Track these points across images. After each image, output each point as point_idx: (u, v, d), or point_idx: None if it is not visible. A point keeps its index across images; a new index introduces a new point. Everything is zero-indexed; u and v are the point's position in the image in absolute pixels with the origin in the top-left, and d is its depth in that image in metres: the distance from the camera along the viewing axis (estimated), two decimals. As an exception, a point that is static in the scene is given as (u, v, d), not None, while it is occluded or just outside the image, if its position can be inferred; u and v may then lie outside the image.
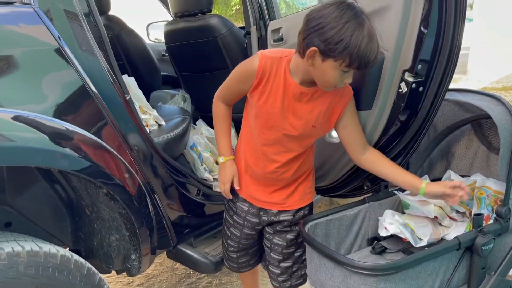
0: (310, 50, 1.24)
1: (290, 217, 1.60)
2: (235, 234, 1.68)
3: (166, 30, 2.59)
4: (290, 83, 1.38)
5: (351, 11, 1.21)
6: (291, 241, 1.62)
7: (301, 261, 1.67)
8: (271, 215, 1.60)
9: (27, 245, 1.19)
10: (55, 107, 1.31)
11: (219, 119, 1.61)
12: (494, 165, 1.80)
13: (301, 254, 1.66)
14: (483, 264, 1.46)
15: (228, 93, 1.55)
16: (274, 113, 1.42)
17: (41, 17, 1.29)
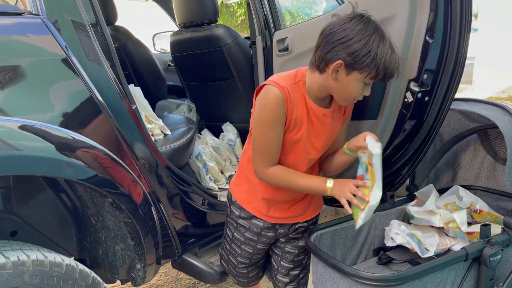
0: (336, 63, 1.22)
1: (306, 223, 1.60)
2: (247, 251, 1.61)
3: (172, 40, 2.61)
4: (311, 107, 1.35)
5: (372, 24, 1.23)
6: (302, 248, 1.60)
7: (308, 267, 1.66)
8: (287, 227, 1.56)
9: (33, 254, 1.19)
10: (61, 116, 1.32)
11: (284, 176, 1.38)
12: (500, 175, 1.79)
13: (308, 260, 1.65)
14: (491, 275, 1.44)
15: (274, 150, 1.35)
16: (300, 141, 1.37)
17: (49, 27, 1.30)
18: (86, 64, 1.37)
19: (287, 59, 1.92)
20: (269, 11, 2.04)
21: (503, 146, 1.65)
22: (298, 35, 1.84)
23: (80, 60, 1.36)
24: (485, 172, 1.86)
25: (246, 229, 1.58)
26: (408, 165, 1.64)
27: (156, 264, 1.62)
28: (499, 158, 1.80)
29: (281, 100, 1.28)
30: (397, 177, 1.70)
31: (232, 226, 1.62)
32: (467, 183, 1.91)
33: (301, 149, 1.39)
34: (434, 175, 1.97)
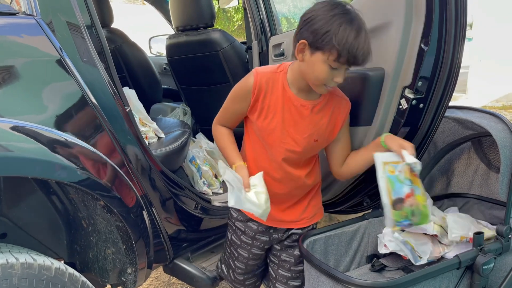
0: (299, 43, 1.25)
1: (300, 231, 1.57)
2: (242, 255, 1.62)
3: (168, 43, 2.61)
4: (289, 96, 1.37)
5: (342, 7, 1.23)
6: (299, 257, 1.58)
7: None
8: (282, 232, 1.56)
9: (22, 257, 1.18)
10: (54, 118, 1.31)
11: (221, 136, 1.51)
12: (493, 184, 1.79)
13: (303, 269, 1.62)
14: (484, 283, 1.44)
15: (227, 117, 1.49)
16: (276, 129, 1.39)
17: (43, 28, 1.29)
18: (80, 66, 1.36)
19: (282, 64, 1.92)
20: (265, 16, 2.04)
21: (497, 154, 1.66)
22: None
23: (74, 61, 1.35)
24: (479, 180, 1.86)
25: (242, 232, 1.58)
26: (402, 172, 1.64)
27: (147, 269, 1.60)
28: (492, 166, 1.80)
29: (249, 86, 1.37)
30: (391, 184, 1.69)
31: (231, 228, 1.63)
32: (461, 191, 1.92)
33: (277, 138, 1.41)
34: (428, 182, 1.97)
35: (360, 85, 1.49)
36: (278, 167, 1.45)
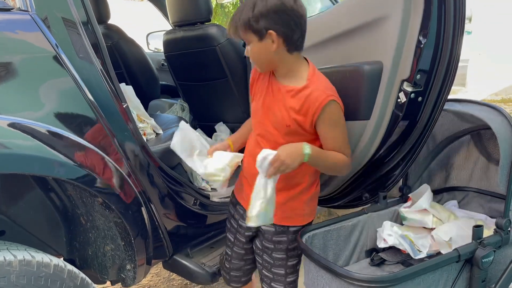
0: None
1: (273, 229, 1.49)
2: (230, 239, 1.66)
3: (165, 39, 2.60)
4: (273, 80, 1.42)
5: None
6: (279, 260, 1.53)
7: (294, 286, 1.58)
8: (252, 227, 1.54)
9: (20, 254, 1.17)
10: (51, 114, 1.30)
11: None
12: (493, 176, 1.79)
13: (294, 280, 1.58)
14: (483, 276, 1.44)
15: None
16: (259, 109, 1.44)
17: (39, 24, 1.28)
18: (76, 62, 1.35)
19: (280, 58, 1.91)
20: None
21: (496, 147, 1.65)
22: (292, 34, 1.83)
23: (70, 57, 1.34)
24: (478, 173, 1.86)
25: (231, 216, 1.65)
26: (401, 166, 1.64)
27: (146, 265, 1.60)
28: (492, 159, 1.79)
29: (253, 72, 1.48)
30: (390, 178, 1.70)
31: (228, 212, 1.68)
32: (460, 184, 1.91)
33: (259, 118, 1.46)
34: (427, 175, 1.96)
35: (358, 79, 1.48)
36: (257, 145, 1.46)
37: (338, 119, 1.35)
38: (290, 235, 1.51)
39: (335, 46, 1.60)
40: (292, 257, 1.55)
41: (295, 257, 1.56)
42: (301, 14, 1.26)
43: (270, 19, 1.22)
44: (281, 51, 1.29)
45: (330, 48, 1.63)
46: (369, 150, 1.57)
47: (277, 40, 1.26)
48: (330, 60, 1.62)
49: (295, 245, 1.53)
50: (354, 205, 1.88)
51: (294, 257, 1.56)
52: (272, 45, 1.27)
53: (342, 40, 1.57)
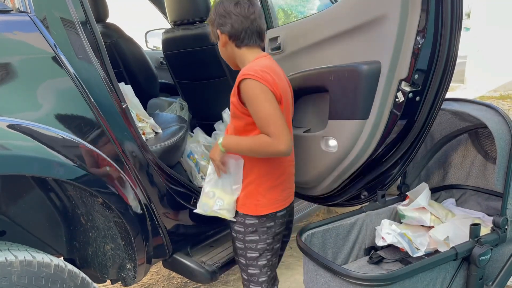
0: None
1: (233, 219, 1.53)
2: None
3: (164, 38, 2.60)
4: None
5: None
6: (238, 250, 1.56)
7: (257, 281, 1.57)
8: None
9: (21, 255, 1.18)
10: (50, 115, 1.31)
11: None
12: (490, 175, 1.80)
13: (256, 274, 1.55)
14: (481, 274, 1.45)
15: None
16: None
17: (37, 25, 1.28)
18: (75, 62, 1.36)
19: (279, 58, 1.91)
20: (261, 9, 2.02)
21: (493, 145, 1.66)
22: (291, 34, 1.84)
23: (69, 58, 1.34)
24: (476, 171, 1.87)
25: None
26: (399, 165, 1.65)
27: (146, 264, 1.61)
28: (489, 157, 1.81)
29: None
30: (388, 176, 1.71)
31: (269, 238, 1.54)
32: (458, 182, 1.93)
33: None
34: (425, 174, 1.97)
35: (356, 79, 1.48)
36: None
37: (252, 96, 1.35)
38: (246, 227, 1.50)
39: (334, 46, 1.61)
40: (250, 249, 1.52)
41: (254, 251, 1.52)
42: (244, 15, 1.43)
43: (217, 22, 1.46)
44: (230, 47, 1.48)
45: (328, 48, 1.63)
46: (368, 149, 1.58)
47: (224, 37, 1.46)
48: (328, 60, 1.63)
49: (253, 238, 1.50)
50: (352, 203, 1.89)
51: (252, 250, 1.52)
52: (222, 42, 1.48)
53: (341, 40, 1.57)
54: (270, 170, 1.47)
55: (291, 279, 2.35)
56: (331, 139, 1.66)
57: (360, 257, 1.78)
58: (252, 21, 1.43)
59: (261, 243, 1.50)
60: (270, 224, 1.49)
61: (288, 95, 1.47)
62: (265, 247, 1.51)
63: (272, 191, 1.48)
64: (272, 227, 1.50)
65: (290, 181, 1.56)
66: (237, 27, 1.43)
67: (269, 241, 1.51)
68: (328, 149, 1.70)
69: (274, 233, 1.52)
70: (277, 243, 1.56)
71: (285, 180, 1.51)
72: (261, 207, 1.47)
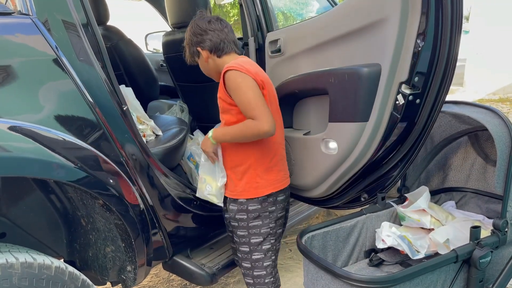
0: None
1: (235, 207, 1.62)
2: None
3: (164, 40, 2.60)
4: None
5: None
6: (241, 238, 1.64)
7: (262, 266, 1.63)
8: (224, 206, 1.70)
9: (21, 257, 1.18)
10: (52, 117, 1.31)
11: None
12: (491, 177, 1.81)
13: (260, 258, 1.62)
14: (481, 277, 1.45)
15: None
16: None
17: (39, 27, 1.29)
18: (76, 65, 1.36)
19: (279, 60, 1.92)
20: (261, 12, 2.03)
21: (493, 148, 1.67)
22: (291, 36, 1.84)
23: (71, 60, 1.35)
24: (476, 174, 1.87)
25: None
26: (399, 167, 1.65)
27: (147, 266, 1.61)
28: (489, 160, 1.81)
29: None
30: (388, 179, 1.71)
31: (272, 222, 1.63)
32: (458, 185, 1.93)
33: None
34: (425, 176, 1.98)
35: (357, 81, 1.49)
36: None
37: (235, 84, 1.48)
38: (249, 213, 1.59)
39: (334, 48, 1.61)
40: (254, 234, 1.61)
41: (258, 236, 1.60)
42: (218, 29, 1.61)
43: (195, 41, 1.64)
44: (212, 59, 1.64)
45: (329, 51, 1.64)
46: (368, 151, 1.58)
47: (206, 53, 1.63)
48: (329, 63, 1.63)
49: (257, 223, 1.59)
50: (352, 205, 1.89)
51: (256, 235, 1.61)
52: (204, 58, 1.64)
53: (341, 43, 1.58)
54: (263, 154, 1.58)
55: (291, 282, 2.35)
56: (331, 142, 1.66)
57: (360, 260, 1.78)
58: (227, 33, 1.62)
59: (265, 227, 1.60)
60: (272, 209, 1.60)
61: (271, 86, 1.61)
62: (268, 231, 1.61)
63: (268, 172, 1.60)
64: (273, 211, 1.61)
65: (283, 163, 1.68)
66: (216, 40, 1.60)
67: (272, 225, 1.61)
68: (328, 151, 1.71)
69: (276, 217, 1.62)
70: (279, 228, 1.66)
71: (278, 161, 1.63)
72: (261, 189, 1.58)
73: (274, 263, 1.66)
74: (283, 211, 1.66)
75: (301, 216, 2.30)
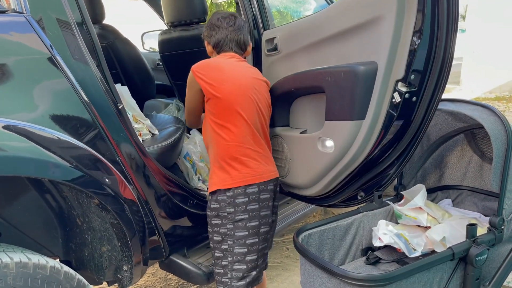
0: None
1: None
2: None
3: (161, 39, 2.60)
4: None
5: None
6: (208, 233, 1.68)
7: (221, 265, 1.63)
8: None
9: (16, 256, 1.17)
10: (46, 116, 1.30)
11: None
12: (487, 175, 1.81)
13: (220, 257, 1.63)
14: (478, 274, 1.45)
15: None
16: None
17: (33, 25, 1.28)
18: (71, 63, 1.35)
19: (275, 58, 1.91)
20: (258, 10, 2.03)
21: (490, 146, 1.67)
22: (287, 35, 1.84)
23: (65, 59, 1.34)
24: (472, 171, 1.87)
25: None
26: (396, 165, 1.65)
27: (143, 265, 1.61)
28: (486, 157, 1.81)
29: None
30: (385, 177, 1.71)
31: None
32: (454, 183, 1.93)
33: None
34: (421, 175, 1.98)
35: (353, 79, 1.49)
36: None
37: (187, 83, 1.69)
38: (211, 211, 1.65)
39: (330, 46, 1.61)
40: (215, 232, 1.65)
41: (217, 234, 1.63)
42: (224, 27, 1.70)
43: (205, 35, 1.77)
44: (214, 55, 1.76)
45: (325, 49, 1.64)
46: (364, 149, 1.58)
47: (210, 47, 1.75)
48: (325, 61, 1.63)
49: (217, 222, 1.63)
50: (349, 204, 1.89)
51: (216, 233, 1.64)
52: (208, 52, 1.78)
53: (337, 41, 1.57)
54: (216, 153, 1.65)
55: (288, 280, 2.34)
56: (327, 140, 1.66)
57: (357, 258, 1.78)
58: (230, 32, 1.70)
59: (223, 227, 1.61)
60: (230, 210, 1.60)
61: (237, 82, 1.61)
62: (225, 232, 1.61)
63: (221, 170, 1.64)
64: (231, 213, 1.60)
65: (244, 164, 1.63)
66: (219, 37, 1.70)
67: (230, 226, 1.60)
68: (324, 149, 1.70)
69: (234, 220, 1.60)
70: (240, 231, 1.61)
71: (232, 162, 1.62)
72: (213, 185, 1.64)
73: (232, 266, 1.60)
74: (244, 214, 1.60)
75: (298, 215, 2.30)
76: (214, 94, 1.57)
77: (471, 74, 8.97)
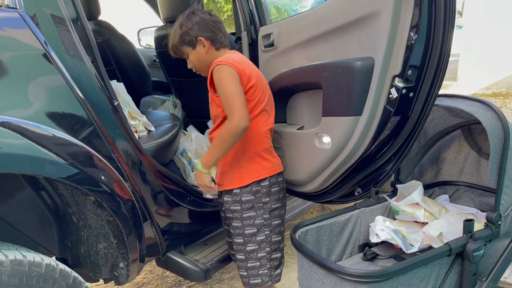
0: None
1: (222, 199, 1.67)
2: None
3: (157, 35, 2.58)
4: None
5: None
6: (235, 229, 1.64)
7: (256, 257, 1.62)
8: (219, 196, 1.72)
9: (11, 254, 1.16)
10: (41, 113, 1.29)
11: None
12: (484, 170, 1.81)
13: (254, 249, 1.62)
14: (475, 270, 1.45)
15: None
16: None
17: (27, 21, 1.27)
18: (66, 59, 1.34)
19: (272, 54, 1.91)
20: (254, 6, 2.02)
21: (487, 141, 1.67)
22: (283, 30, 1.83)
23: (60, 55, 1.33)
24: (469, 167, 1.87)
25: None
26: (393, 161, 1.65)
27: (139, 263, 1.60)
28: (483, 153, 1.81)
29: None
30: (382, 173, 1.70)
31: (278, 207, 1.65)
32: (451, 179, 1.93)
33: None
34: (418, 170, 1.98)
35: (350, 75, 1.48)
36: None
37: (219, 79, 1.50)
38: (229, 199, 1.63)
39: (327, 42, 1.60)
40: (248, 225, 1.61)
41: (251, 226, 1.61)
42: (217, 20, 1.63)
43: (197, 29, 1.59)
44: (211, 51, 1.62)
45: (322, 44, 1.63)
46: (361, 145, 1.58)
47: (206, 43, 1.60)
48: (322, 56, 1.62)
49: (251, 214, 1.60)
50: (346, 200, 1.89)
51: (250, 226, 1.61)
52: (203, 48, 1.61)
53: (334, 36, 1.57)
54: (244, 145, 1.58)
55: (285, 277, 2.34)
56: (324, 136, 1.66)
57: (354, 254, 1.78)
58: (223, 27, 1.65)
59: (259, 218, 1.60)
60: (266, 200, 1.60)
61: (263, 80, 1.62)
62: (262, 223, 1.60)
63: (250, 162, 1.60)
64: (267, 202, 1.60)
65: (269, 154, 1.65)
66: (216, 31, 1.61)
67: (266, 216, 1.60)
68: (322, 146, 1.70)
69: (270, 209, 1.61)
70: (275, 219, 1.63)
71: (261, 152, 1.61)
72: (245, 178, 1.59)
73: (270, 256, 1.63)
74: (278, 202, 1.63)
75: (295, 211, 2.30)
76: (251, 85, 1.53)
77: (468, 71, 8.99)
